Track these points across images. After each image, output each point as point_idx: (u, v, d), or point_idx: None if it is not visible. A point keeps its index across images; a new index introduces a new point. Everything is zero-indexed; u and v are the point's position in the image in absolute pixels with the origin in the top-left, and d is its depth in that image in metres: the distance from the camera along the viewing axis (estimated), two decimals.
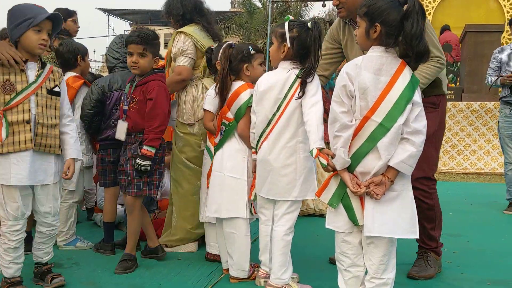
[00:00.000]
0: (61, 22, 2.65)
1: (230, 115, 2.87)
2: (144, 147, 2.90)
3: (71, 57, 3.53)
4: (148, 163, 2.91)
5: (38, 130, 2.51)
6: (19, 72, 2.51)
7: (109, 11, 32.34)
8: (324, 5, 17.71)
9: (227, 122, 2.88)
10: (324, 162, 2.17)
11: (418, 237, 2.15)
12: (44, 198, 2.61)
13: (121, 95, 3.31)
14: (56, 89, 2.64)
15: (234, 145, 2.88)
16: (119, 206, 3.92)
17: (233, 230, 2.85)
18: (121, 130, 3.07)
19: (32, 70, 2.56)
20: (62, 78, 2.72)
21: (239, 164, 2.86)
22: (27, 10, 2.52)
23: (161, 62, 3.23)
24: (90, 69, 4.02)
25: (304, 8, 23.35)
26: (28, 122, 2.50)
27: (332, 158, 2.14)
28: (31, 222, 3.42)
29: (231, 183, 2.84)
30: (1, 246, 2.53)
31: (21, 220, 2.54)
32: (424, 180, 2.92)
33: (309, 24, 2.57)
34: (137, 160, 2.90)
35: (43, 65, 2.61)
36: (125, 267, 2.97)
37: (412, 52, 2.06)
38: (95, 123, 3.38)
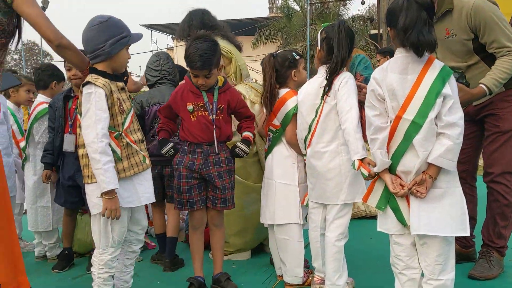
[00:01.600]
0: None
1: (276, 122, 2.90)
2: (249, 133, 2.86)
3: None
4: (248, 149, 2.86)
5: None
6: (121, 90, 2.42)
7: (152, 27, 33.24)
8: (363, 3, 17.48)
9: (274, 129, 2.91)
10: (365, 173, 2.21)
11: (468, 234, 2.12)
12: (141, 214, 2.56)
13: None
14: None
15: (283, 152, 2.90)
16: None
17: (286, 236, 2.86)
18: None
19: None
20: None
21: (288, 170, 2.87)
22: (123, 26, 2.41)
23: None
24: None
25: (343, 8, 23.07)
26: (143, 141, 2.50)
27: (374, 166, 2.16)
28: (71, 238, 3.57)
29: (282, 189, 2.86)
30: (100, 277, 2.41)
31: (121, 245, 2.47)
32: (508, 175, 2.84)
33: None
34: (240, 144, 2.82)
35: None
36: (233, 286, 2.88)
37: (407, 43, 2.06)
38: None
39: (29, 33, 2.33)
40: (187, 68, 2.84)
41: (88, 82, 2.29)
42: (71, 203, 3.38)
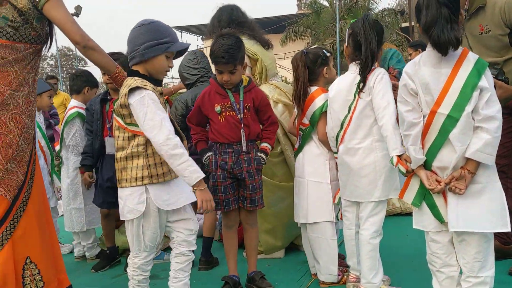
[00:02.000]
0: (184, 52, 2.51)
1: (305, 120, 2.89)
2: (266, 144, 2.87)
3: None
4: (267, 158, 2.89)
5: None
6: (160, 94, 2.34)
7: (182, 28, 33.59)
8: None
9: (304, 128, 2.90)
10: (403, 170, 2.18)
11: (509, 229, 2.06)
12: (185, 215, 2.43)
13: None
14: None
15: (313, 150, 2.89)
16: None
17: (319, 234, 2.85)
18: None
19: None
20: None
21: (320, 168, 2.86)
22: (167, 32, 2.33)
23: None
24: (168, 85, 4.21)
25: (372, 1, 22.75)
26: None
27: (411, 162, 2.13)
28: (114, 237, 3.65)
29: (314, 187, 2.85)
30: (135, 279, 2.41)
31: (155, 249, 2.45)
32: None
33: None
34: (261, 155, 2.85)
35: None
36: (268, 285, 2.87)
37: (430, 42, 2.03)
38: (182, 139, 3.44)
39: (64, 38, 2.39)
40: (212, 65, 2.85)
41: (138, 87, 2.23)
42: (109, 203, 3.45)
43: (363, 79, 2.52)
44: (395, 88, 2.57)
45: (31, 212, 2.40)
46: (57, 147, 3.96)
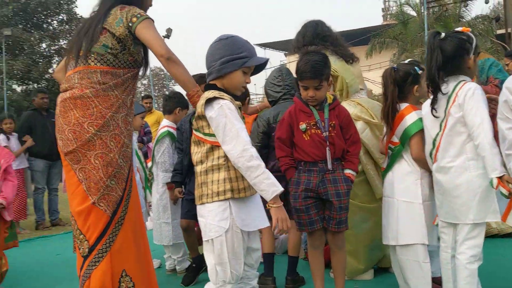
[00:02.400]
0: (263, 68, 2.42)
1: (395, 139, 2.79)
2: (350, 171, 2.79)
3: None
4: (351, 186, 2.80)
5: None
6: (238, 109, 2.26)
7: (265, 45, 34.21)
8: (487, 2, 16.18)
9: (393, 147, 2.80)
10: (505, 192, 2.04)
11: None
12: (254, 243, 2.27)
13: None
14: None
15: (404, 168, 2.77)
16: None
17: (410, 257, 2.71)
18: None
19: None
20: None
21: (411, 187, 2.73)
22: (244, 46, 2.27)
23: None
24: (252, 102, 4.29)
25: (464, 9, 21.64)
26: None
27: None
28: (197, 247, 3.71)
29: (405, 207, 2.73)
30: None
31: (239, 280, 2.19)
32: None
33: None
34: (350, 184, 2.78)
35: None
36: None
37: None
38: (263, 156, 3.33)
39: (156, 60, 2.57)
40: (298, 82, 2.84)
41: (215, 98, 2.16)
42: (193, 214, 3.54)
43: (433, 98, 2.45)
44: (491, 101, 2.42)
45: (128, 227, 2.54)
46: (149, 164, 4.18)
